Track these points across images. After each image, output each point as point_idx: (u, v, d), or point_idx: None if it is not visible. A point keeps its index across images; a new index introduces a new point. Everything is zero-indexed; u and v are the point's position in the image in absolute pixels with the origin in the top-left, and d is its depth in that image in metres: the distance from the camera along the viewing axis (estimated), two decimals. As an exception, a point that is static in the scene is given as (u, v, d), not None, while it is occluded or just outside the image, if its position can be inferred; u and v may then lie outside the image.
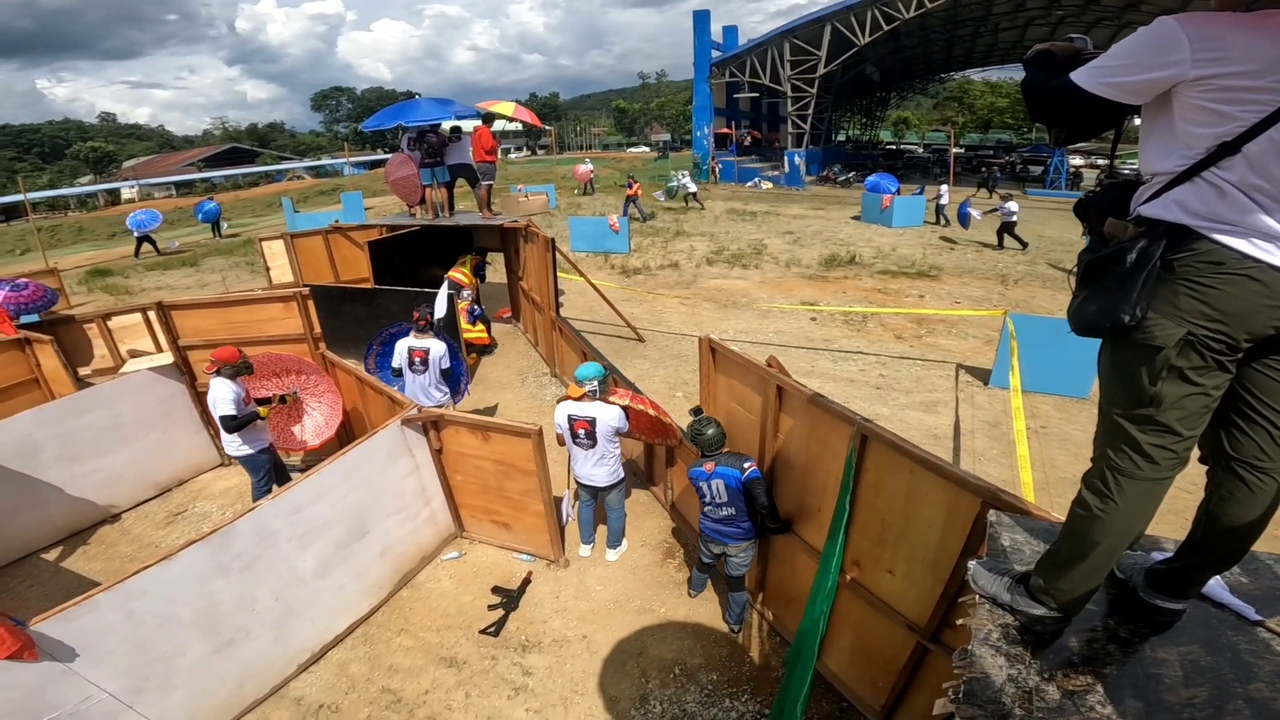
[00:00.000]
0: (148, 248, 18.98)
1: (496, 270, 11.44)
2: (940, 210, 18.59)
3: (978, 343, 9.50)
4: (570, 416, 4.51)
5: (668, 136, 70.18)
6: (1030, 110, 1.63)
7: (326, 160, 63.39)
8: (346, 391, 5.80)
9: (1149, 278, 1.40)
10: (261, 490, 5.12)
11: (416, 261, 9.72)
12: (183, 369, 5.97)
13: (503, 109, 11.25)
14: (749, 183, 30.60)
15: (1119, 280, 1.43)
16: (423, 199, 9.53)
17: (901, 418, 7.37)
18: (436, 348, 5.74)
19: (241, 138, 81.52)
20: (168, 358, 5.98)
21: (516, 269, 9.93)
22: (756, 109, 39.93)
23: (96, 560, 5.35)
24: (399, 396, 4.92)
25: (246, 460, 5.09)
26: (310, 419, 5.58)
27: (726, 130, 35.14)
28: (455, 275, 9.49)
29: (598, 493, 4.81)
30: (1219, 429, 1.52)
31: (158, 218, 19.29)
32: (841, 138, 50.33)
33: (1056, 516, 2.26)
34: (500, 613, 4.53)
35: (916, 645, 3.00)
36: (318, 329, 6.04)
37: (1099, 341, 1.60)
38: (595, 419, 4.45)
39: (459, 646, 4.30)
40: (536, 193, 20.13)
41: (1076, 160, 29.80)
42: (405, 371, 5.81)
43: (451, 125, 9.57)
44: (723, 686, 3.97)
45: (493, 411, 7.64)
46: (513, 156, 59.55)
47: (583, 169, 27.44)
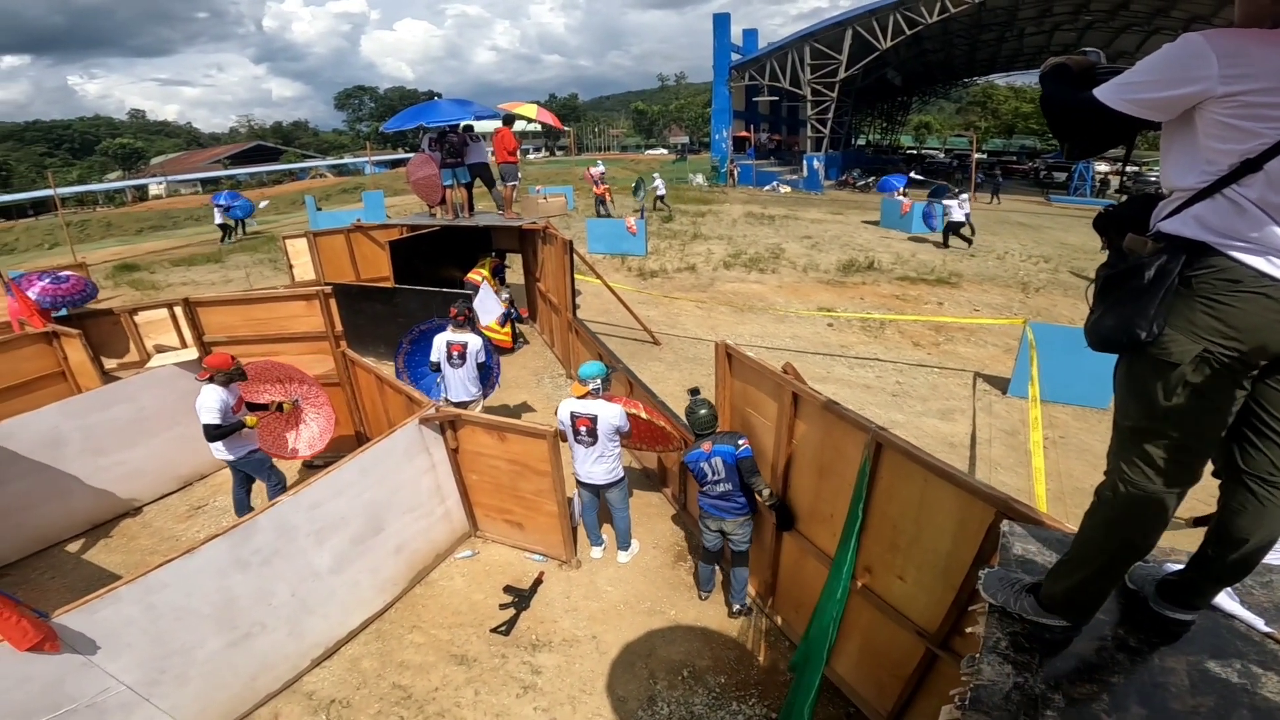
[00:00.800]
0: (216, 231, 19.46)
1: (515, 272, 11.53)
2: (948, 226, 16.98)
3: (997, 351, 9.40)
4: (573, 413, 4.58)
5: (686, 139, 70.09)
6: (1050, 125, 1.62)
7: (349, 159, 64.19)
8: (365, 390, 5.89)
9: (1167, 294, 1.39)
10: (276, 489, 5.15)
11: (436, 261, 9.83)
12: (206, 364, 6.06)
13: (525, 111, 11.36)
14: (767, 186, 30.52)
15: (1136, 296, 1.43)
16: (443, 199, 9.63)
17: (917, 425, 7.32)
18: (474, 342, 5.92)
19: (266, 135, 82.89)
20: (193, 353, 6.09)
21: (534, 270, 10.00)
22: (776, 112, 39.85)
23: (117, 553, 5.43)
24: (417, 395, 4.98)
25: (241, 464, 5.07)
26: (306, 429, 5.60)
27: (745, 134, 35.07)
28: (474, 277, 9.58)
29: (598, 491, 4.84)
30: (1231, 443, 1.52)
31: (250, 208, 20.05)
32: (861, 142, 50.00)
33: (1070, 527, 2.26)
34: (511, 612, 4.57)
35: (926, 651, 3.01)
36: (339, 327, 6.12)
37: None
38: (597, 416, 4.52)
39: (470, 644, 4.35)
40: (555, 194, 20.21)
41: (1102, 167, 29.36)
42: (444, 365, 5.96)
43: (464, 124, 9.65)
44: (730, 689, 3.98)
45: (511, 412, 7.70)
46: (531, 157, 59.89)
47: (595, 170, 26.92)
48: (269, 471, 5.23)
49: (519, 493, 4.88)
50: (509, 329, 9.45)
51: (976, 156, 29.24)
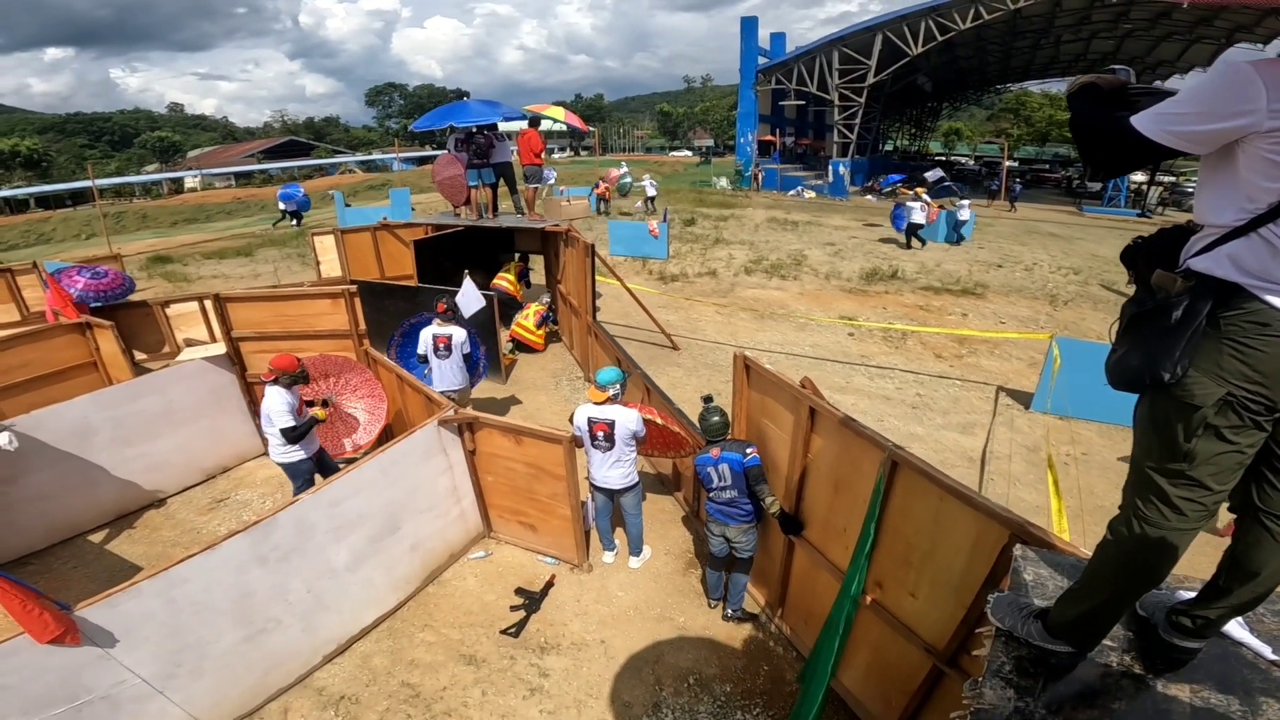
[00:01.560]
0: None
1: (537, 274, 11.60)
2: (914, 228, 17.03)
3: (1021, 365, 9.25)
4: (590, 419, 4.62)
5: (711, 142, 69.87)
6: (1079, 147, 1.57)
7: (377, 155, 65.11)
8: (387, 389, 5.97)
9: (1194, 335, 1.37)
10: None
11: (459, 260, 9.92)
12: (234, 359, 6.22)
13: (553, 113, 11.50)
14: (791, 191, 30.34)
15: (1162, 336, 1.40)
16: (468, 199, 9.72)
17: (937, 438, 7.23)
18: (458, 334, 6.28)
19: (299, 131, 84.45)
20: (221, 348, 6.24)
21: (556, 272, 10.05)
22: (802, 116, 39.57)
23: (140, 544, 5.54)
24: (436, 396, 5.04)
25: (290, 466, 5.07)
26: (347, 423, 5.73)
27: (770, 138, 34.87)
28: (500, 283, 9.67)
29: (613, 495, 4.87)
30: (1249, 481, 1.51)
31: (308, 204, 21.76)
32: (889, 147, 49.41)
33: (1084, 552, 2.25)
34: (522, 614, 4.61)
35: (933, 668, 3.01)
36: (363, 325, 6.23)
37: None
38: (614, 421, 4.56)
39: (479, 645, 4.39)
40: (578, 197, 20.31)
41: (1138, 176, 28.68)
42: (431, 357, 6.29)
43: (491, 125, 9.72)
44: (736, 698, 3.98)
45: (528, 413, 7.75)
46: (556, 156, 60.16)
47: (616, 172, 26.60)
48: (305, 483, 5.18)
49: (534, 495, 4.92)
50: (543, 332, 9.54)
51: (1007, 164, 28.69)
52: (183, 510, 5.97)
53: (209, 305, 6.68)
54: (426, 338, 6.28)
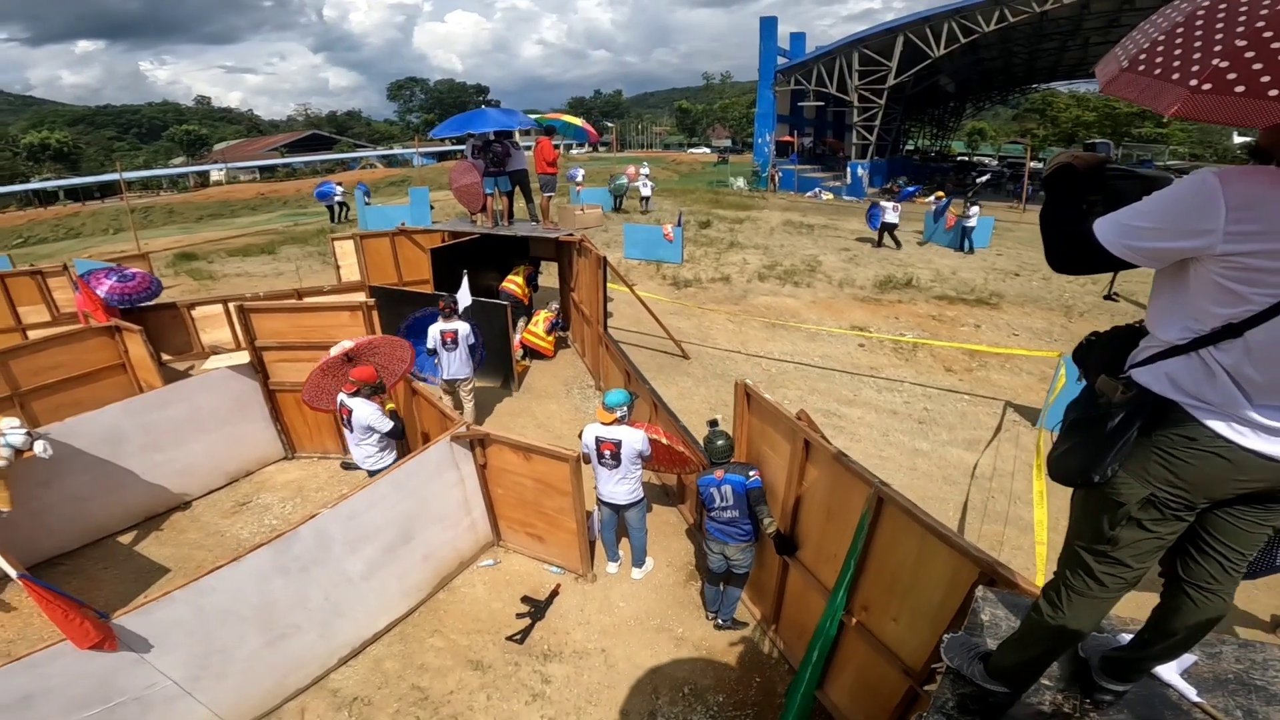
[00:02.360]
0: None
1: (547, 278, 11.75)
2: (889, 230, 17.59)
3: (1032, 379, 9.24)
4: (598, 438, 4.79)
5: (729, 141, 69.50)
6: (1044, 243, 1.58)
7: (398, 149, 65.68)
8: (402, 400, 6.17)
9: (1125, 444, 1.47)
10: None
11: (474, 267, 10.12)
12: (257, 368, 6.46)
13: (572, 119, 11.83)
14: (809, 193, 30.19)
15: (1096, 442, 1.51)
16: (484, 207, 9.91)
17: (942, 455, 7.30)
18: (463, 328, 7.02)
19: (322, 124, 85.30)
20: (244, 356, 6.48)
21: (569, 280, 10.21)
22: (821, 117, 39.28)
23: (167, 545, 5.78)
24: (450, 411, 5.24)
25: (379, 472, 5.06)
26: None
27: (788, 138, 34.70)
28: (508, 286, 9.85)
29: (619, 510, 5.03)
30: (1176, 555, 1.65)
31: (330, 191, 22.95)
32: (910, 146, 48.83)
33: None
34: (527, 621, 4.80)
35: (909, 689, 3.18)
36: (380, 336, 6.44)
37: None
38: (621, 441, 4.72)
39: (486, 650, 4.59)
40: (592, 206, 20.35)
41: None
42: (440, 350, 6.99)
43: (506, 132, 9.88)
44: (728, 709, 4.15)
45: (539, 421, 7.92)
46: (574, 152, 60.18)
47: (633, 170, 26.63)
48: None
49: (541, 509, 5.10)
50: (553, 338, 9.72)
51: (1031, 165, 28.29)
52: (207, 513, 6.22)
53: (233, 310, 6.92)
54: (435, 333, 6.95)
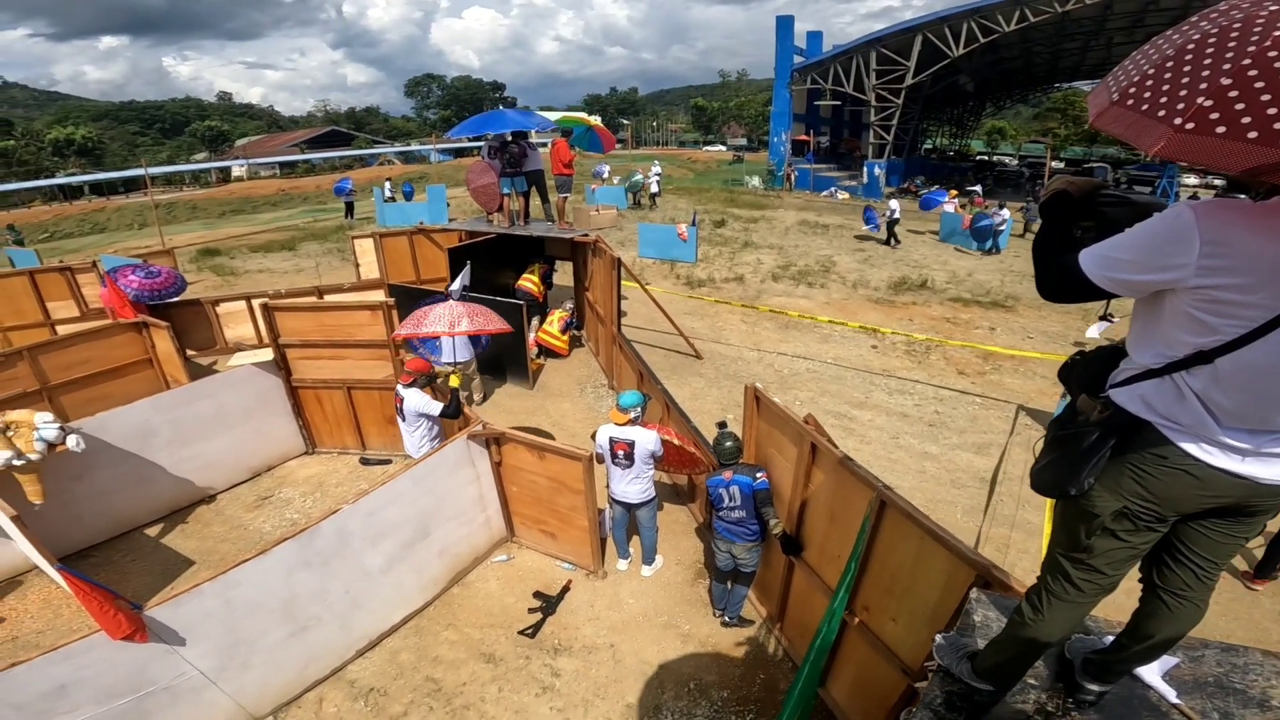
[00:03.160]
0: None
1: (565, 275, 11.86)
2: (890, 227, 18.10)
3: (1045, 384, 9.19)
4: (611, 438, 4.90)
5: (744, 140, 69.16)
6: (1035, 271, 1.64)
7: (415, 146, 66.15)
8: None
9: (1100, 460, 1.56)
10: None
11: (490, 267, 10.26)
12: (280, 365, 6.64)
13: (589, 120, 11.98)
14: (824, 192, 30.06)
15: (1073, 458, 1.60)
16: (500, 207, 10.04)
17: (950, 458, 7.31)
18: None
19: (340, 121, 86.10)
20: (268, 353, 6.65)
21: (584, 279, 10.33)
22: (838, 116, 39.03)
23: (192, 539, 5.96)
24: (466, 411, 5.36)
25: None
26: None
27: (804, 137, 34.55)
28: (524, 284, 9.98)
29: (630, 509, 5.14)
30: (1152, 563, 1.74)
31: (345, 187, 23.43)
32: (928, 146, 48.36)
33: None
34: (539, 616, 4.92)
35: (907, 687, 3.25)
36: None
37: None
38: (635, 442, 4.82)
39: (498, 644, 4.72)
40: (607, 206, 20.49)
41: (1191, 179, 27.72)
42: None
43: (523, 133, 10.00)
44: (731, 704, 4.24)
45: (553, 419, 8.04)
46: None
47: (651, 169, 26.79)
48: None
49: (555, 506, 5.22)
50: (567, 337, 9.85)
51: (1053, 165, 27.96)
52: (231, 506, 6.41)
53: (257, 307, 7.11)
54: None
